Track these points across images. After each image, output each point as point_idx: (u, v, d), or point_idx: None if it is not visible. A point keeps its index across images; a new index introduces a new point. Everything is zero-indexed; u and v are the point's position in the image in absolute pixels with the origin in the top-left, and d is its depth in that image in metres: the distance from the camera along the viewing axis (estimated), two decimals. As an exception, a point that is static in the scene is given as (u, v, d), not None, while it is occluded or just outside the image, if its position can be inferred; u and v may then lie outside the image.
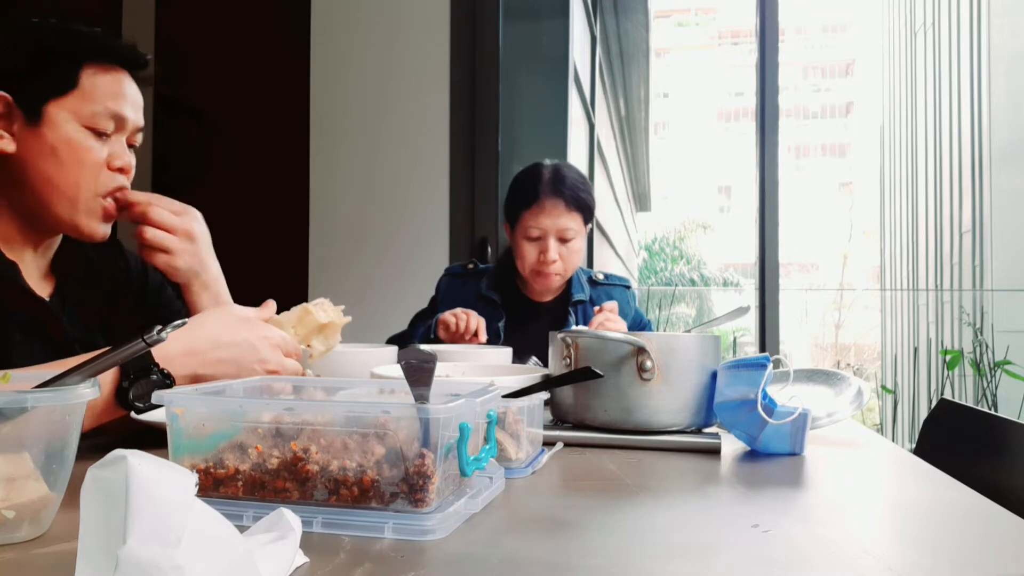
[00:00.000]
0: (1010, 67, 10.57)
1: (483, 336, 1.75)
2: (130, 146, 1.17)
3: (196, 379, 0.98)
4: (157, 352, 0.92)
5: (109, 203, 1.14)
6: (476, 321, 1.76)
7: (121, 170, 1.14)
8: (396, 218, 2.92)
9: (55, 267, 1.21)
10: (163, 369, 0.93)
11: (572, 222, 1.94)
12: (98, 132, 1.11)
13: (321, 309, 1.17)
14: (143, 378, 0.91)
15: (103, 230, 1.15)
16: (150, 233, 1.15)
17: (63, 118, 1.08)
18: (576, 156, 4.58)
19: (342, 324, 1.20)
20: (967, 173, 11.59)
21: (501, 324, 1.96)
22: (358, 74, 2.95)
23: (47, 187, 1.09)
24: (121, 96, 1.13)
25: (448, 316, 1.77)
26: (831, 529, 0.69)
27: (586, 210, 1.97)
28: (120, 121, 1.12)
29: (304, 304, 1.17)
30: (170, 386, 0.93)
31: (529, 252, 1.95)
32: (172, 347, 0.95)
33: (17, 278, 1.09)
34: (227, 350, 1.00)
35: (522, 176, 2.03)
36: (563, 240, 1.94)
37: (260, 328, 1.06)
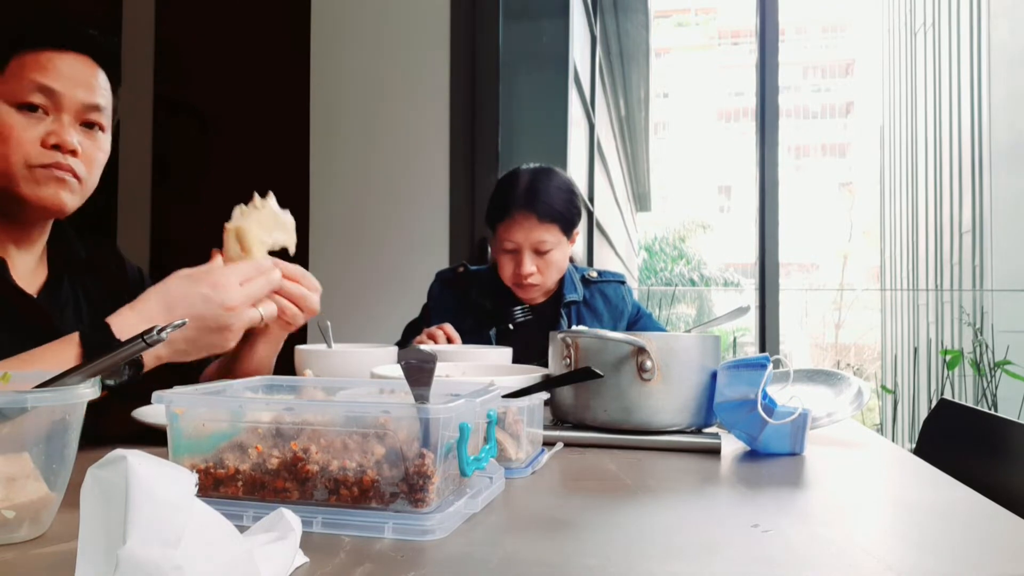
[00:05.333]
0: (1010, 67, 10.57)
1: (457, 340, 1.73)
2: (89, 125, 1.13)
3: (166, 348, 0.96)
4: (116, 332, 0.93)
5: (51, 172, 1.09)
6: (449, 335, 1.73)
7: (57, 147, 1.09)
8: (396, 219, 2.92)
9: (44, 263, 1.20)
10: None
11: (547, 234, 1.86)
12: (27, 107, 1.08)
13: (239, 212, 1.11)
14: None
15: (61, 200, 1.11)
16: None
17: None
18: (576, 156, 4.57)
19: (279, 214, 1.15)
20: (967, 173, 11.59)
21: (492, 332, 1.93)
22: (358, 74, 2.95)
23: None
24: (51, 71, 1.09)
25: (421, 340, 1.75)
26: (831, 529, 0.68)
27: (563, 221, 1.89)
28: (52, 95, 1.09)
29: (230, 223, 1.10)
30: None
31: (506, 265, 1.90)
32: (128, 324, 0.94)
33: (3, 274, 1.09)
34: (182, 308, 0.98)
35: (499, 184, 1.98)
36: (539, 252, 1.88)
37: (209, 276, 1.02)
